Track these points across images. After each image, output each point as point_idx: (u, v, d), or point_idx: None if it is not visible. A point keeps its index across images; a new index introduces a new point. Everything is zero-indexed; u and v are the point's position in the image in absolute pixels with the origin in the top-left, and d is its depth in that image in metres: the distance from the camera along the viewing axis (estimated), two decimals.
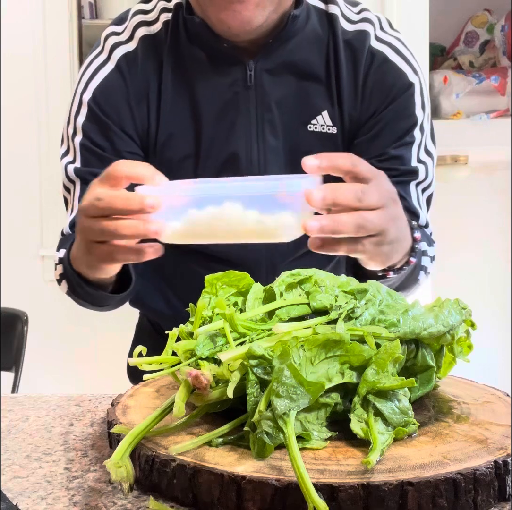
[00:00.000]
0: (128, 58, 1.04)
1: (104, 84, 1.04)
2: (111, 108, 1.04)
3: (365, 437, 0.58)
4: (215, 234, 0.72)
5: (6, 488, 0.62)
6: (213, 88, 1.03)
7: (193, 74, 1.04)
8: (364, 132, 1.04)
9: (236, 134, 1.04)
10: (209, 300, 0.71)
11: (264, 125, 1.04)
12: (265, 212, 0.68)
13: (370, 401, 0.60)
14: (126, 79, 1.04)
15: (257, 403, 0.58)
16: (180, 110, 1.04)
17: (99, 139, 1.03)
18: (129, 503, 0.58)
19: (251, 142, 1.04)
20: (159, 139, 1.05)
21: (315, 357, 0.60)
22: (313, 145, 1.04)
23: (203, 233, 0.72)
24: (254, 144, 1.04)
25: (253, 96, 1.03)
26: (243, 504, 0.54)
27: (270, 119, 1.04)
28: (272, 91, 1.03)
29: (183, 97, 1.04)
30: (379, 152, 1.03)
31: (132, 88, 1.04)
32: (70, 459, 0.69)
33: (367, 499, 0.52)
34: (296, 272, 0.71)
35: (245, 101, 1.03)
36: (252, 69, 1.02)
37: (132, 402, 0.72)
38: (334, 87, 1.03)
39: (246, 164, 1.04)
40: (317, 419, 0.60)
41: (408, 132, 1.04)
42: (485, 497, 0.55)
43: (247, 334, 0.65)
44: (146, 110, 1.04)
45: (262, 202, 0.69)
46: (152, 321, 1.24)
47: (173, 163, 1.04)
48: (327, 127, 1.04)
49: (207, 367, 0.61)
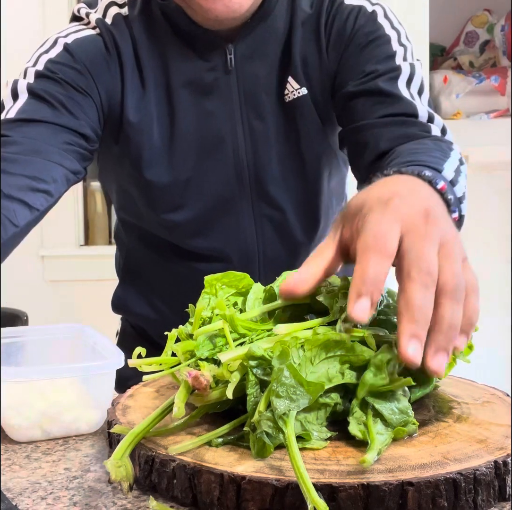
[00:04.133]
0: (108, 31, 1.00)
1: (88, 39, 0.99)
2: (87, 56, 0.98)
3: (363, 438, 0.58)
4: None
5: (6, 488, 0.62)
6: (191, 72, 1.00)
7: (169, 58, 1.01)
8: (341, 75, 1.01)
9: (219, 119, 1.01)
10: (208, 301, 0.71)
11: (248, 109, 1.02)
12: None
13: (369, 403, 0.60)
14: (107, 44, 0.99)
15: (257, 403, 0.58)
16: (154, 94, 1.00)
17: (57, 86, 0.95)
18: (129, 503, 0.58)
19: (236, 127, 1.02)
20: (126, 121, 1.00)
21: (315, 357, 0.60)
22: (295, 116, 1.02)
23: None
24: (239, 129, 1.02)
25: (234, 80, 1.01)
26: (243, 504, 0.54)
27: (253, 102, 1.02)
28: (253, 73, 1.01)
29: (158, 80, 1.01)
30: (359, 75, 0.98)
31: (110, 57, 0.99)
32: (70, 459, 0.69)
33: (367, 499, 0.52)
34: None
35: (227, 85, 1.01)
36: (231, 52, 1.00)
37: (132, 402, 0.72)
38: (297, 49, 1.01)
39: (233, 149, 1.02)
40: (317, 419, 0.60)
41: (383, 50, 1.00)
42: (485, 497, 0.55)
43: (247, 334, 0.65)
44: (120, 84, 0.99)
45: None
46: (135, 326, 1.21)
47: (142, 149, 1.01)
48: (297, 91, 1.01)
49: (207, 368, 0.61)
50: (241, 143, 1.02)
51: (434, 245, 0.57)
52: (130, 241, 1.15)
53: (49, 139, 0.91)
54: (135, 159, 1.02)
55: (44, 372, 0.75)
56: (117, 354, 0.77)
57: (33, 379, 0.75)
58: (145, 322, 1.18)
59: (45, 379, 0.76)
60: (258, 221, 1.06)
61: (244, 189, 1.04)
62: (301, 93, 1.02)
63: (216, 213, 1.05)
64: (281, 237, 1.08)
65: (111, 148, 1.03)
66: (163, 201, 1.04)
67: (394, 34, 1.02)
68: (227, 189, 1.04)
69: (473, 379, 0.79)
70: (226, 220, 1.06)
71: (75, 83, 0.96)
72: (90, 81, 0.97)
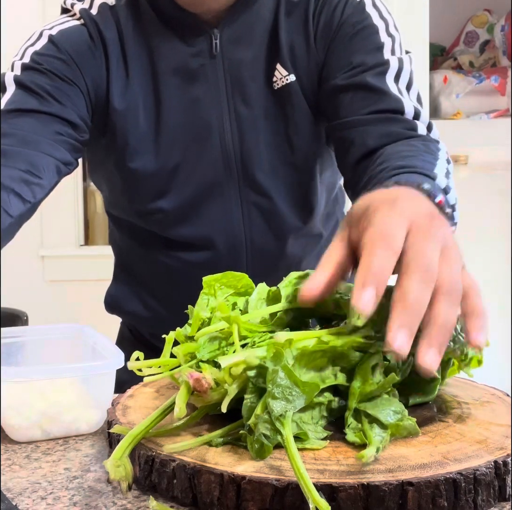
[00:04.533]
0: (92, 20, 1.00)
1: (73, 29, 1.00)
2: (72, 46, 0.98)
3: (361, 442, 0.58)
4: None
5: (6, 488, 0.62)
6: (177, 59, 1.00)
7: (154, 45, 1.00)
8: (329, 65, 1.00)
9: (206, 105, 1.01)
10: (207, 301, 0.70)
11: (235, 94, 1.01)
12: None
13: (362, 411, 0.60)
14: (92, 34, 0.99)
15: (252, 407, 0.58)
16: (140, 81, 1.00)
17: (44, 76, 0.96)
18: (129, 503, 0.58)
19: (222, 113, 1.01)
20: (112, 109, 0.99)
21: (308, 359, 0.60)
22: (284, 103, 1.01)
23: None
24: (225, 115, 1.01)
25: (220, 66, 1.00)
26: (243, 504, 0.54)
27: (239, 88, 1.01)
28: (239, 58, 1.01)
29: (143, 67, 1.00)
30: (346, 67, 0.98)
31: (95, 46, 0.99)
32: (70, 459, 0.69)
33: (367, 499, 0.52)
34: (304, 273, 0.71)
35: (212, 71, 1.00)
36: (217, 37, 0.99)
37: (132, 402, 0.72)
38: (284, 36, 1.00)
39: (219, 136, 1.01)
40: (312, 418, 0.60)
41: (370, 40, 0.99)
42: (485, 497, 0.55)
43: (249, 336, 0.65)
44: (105, 73, 0.99)
45: None
46: (130, 327, 1.21)
47: (128, 137, 1.00)
48: (285, 77, 1.01)
49: (209, 371, 0.60)
50: (227, 130, 1.01)
51: (436, 246, 0.57)
52: (121, 239, 1.16)
53: (39, 130, 0.92)
54: (121, 148, 1.01)
55: (44, 372, 0.75)
56: (117, 354, 0.77)
57: (33, 379, 0.75)
58: (137, 321, 1.18)
59: (45, 379, 0.76)
60: (245, 208, 1.05)
61: (231, 176, 1.03)
62: (289, 79, 1.01)
63: (203, 200, 1.04)
64: (270, 225, 1.07)
65: (99, 141, 1.03)
66: (150, 188, 1.03)
67: (382, 24, 1.00)
68: (214, 175, 1.03)
69: (473, 379, 0.78)
70: (213, 207, 1.05)
71: (61, 73, 0.96)
72: (76, 71, 0.97)
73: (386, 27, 1.01)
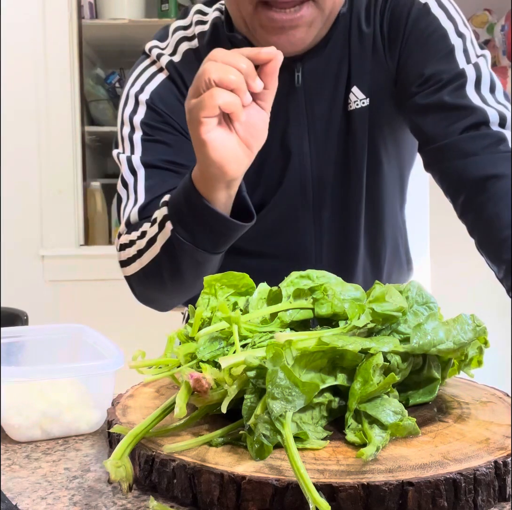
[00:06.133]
0: (176, 69, 1.05)
1: (161, 87, 1.05)
2: (167, 107, 1.04)
3: (361, 442, 0.58)
4: None
5: (6, 488, 0.62)
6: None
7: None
8: (402, 77, 1.00)
9: (290, 133, 1.03)
10: (207, 301, 0.70)
11: (314, 121, 1.03)
12: None
13: (362, 412, 0.60)
14: (179, 87, 1.05)
15: (252, 408, 0.58)
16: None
17: (158, 131, 1.04)
18: (129, 503, 0.58)
19: (302, 140, 1.04)
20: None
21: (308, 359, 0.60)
22: (356, 125, 1.03)
23: None
24: (305, 143, 1.04)
25: (302, 96, 1.02)
26: (243, 504, 0.54)
27: (318, 115, 1.03)
28: (320, 87, 1.02)
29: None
30: (419, 79, 0.97)
31: (183, 98, 1.02)
32: (70, 459, 0.69)
33: (367, 499, 0.52)
34: (305, 273, 0.71)
35: (294, 101, 1.02)
36: (299, 70, 1.01)
37: (132, 402, 0.72)
38: (357, 60, 1.01)
39: (299, 160, 1.04)
40: (312, 418, 0.60)
41: (440, 45, 0.98)
42: (485, 497, 0.55)
43: (249, 336, 0.65)
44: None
45: None
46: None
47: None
48: (361, 101, 1.02)
49: (209, 371, 0.61)
50: (306, 154, 1.04)
51: None
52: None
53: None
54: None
55: (44, 372, 0.75)
56: (117, 354, 0.77)
57: (33, 379, 0.75)
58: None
59: (45, 379, 0.76)
60: (317, 225, 1.08)
61: (307, 198, 1.07)
62: (365, 103, 1.02)
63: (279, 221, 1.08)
64: (339, 243, 1.09)
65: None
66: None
67: (450, 26, 0.99)
68: (291, 199, 1.06)
69: (473, 379, 0.79)
70: (287, 223, 1.08)
71: (171, 140, 1.03)
72: (175, 124, 1.04)
73: (455, 27, 0.99)
